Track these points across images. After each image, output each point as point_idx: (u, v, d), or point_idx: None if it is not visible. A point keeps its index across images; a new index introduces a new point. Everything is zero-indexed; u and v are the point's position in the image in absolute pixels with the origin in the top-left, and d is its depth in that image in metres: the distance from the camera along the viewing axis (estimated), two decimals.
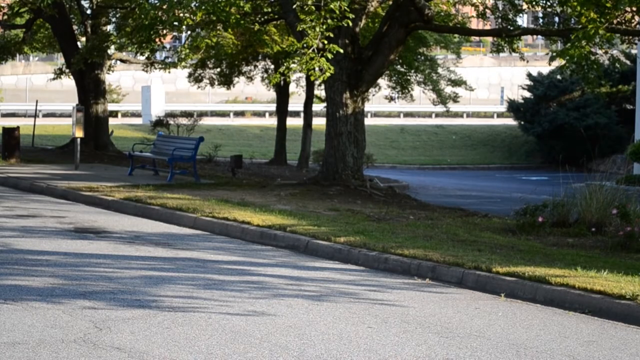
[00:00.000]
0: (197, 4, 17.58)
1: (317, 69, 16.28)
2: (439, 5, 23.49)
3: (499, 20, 20.52)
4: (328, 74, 16.42)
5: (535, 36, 67.43)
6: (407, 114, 54.95)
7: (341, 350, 7.21)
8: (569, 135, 38.96)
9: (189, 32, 20.53)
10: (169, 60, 27.62)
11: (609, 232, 12.73)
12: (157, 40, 20.32)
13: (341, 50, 16.76)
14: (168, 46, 30.21)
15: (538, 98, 42.22)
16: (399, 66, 28.55)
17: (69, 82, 35.57)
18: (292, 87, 32.35)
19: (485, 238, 12.68)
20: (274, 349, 7.19)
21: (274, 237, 12.85)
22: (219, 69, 29.91)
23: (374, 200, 17.66)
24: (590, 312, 8.90)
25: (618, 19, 16.70)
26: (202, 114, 34.64)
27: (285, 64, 16.69)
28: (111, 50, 27.07)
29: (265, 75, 30.18)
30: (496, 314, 8.75)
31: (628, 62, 36.21)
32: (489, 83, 69.28)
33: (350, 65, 18.74)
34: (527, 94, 43.98)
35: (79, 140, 22.47)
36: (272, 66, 29.45)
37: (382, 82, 29.68)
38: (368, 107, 43.82)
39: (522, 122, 43.15)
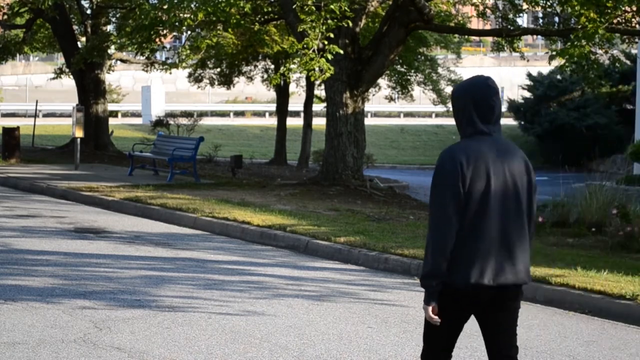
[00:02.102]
0: (197, 5, 17.58)
1: (317, 69, 16.28)
2: (439, 5, 23.49)
3: (499, 20, 20.52)
4: (328, 74, 16.42)
5: (535, 36, 67.42)
6: (407, 114, 54.93)
7: (341, 350, 7.21)
8: (569, 136, 38.94)
9: (189, 33, 20.54)
10: (170, 61, 27.62)
11: (609, 232, 12.72)
12: (157, 40, 20.33)
13: (341, 51, 16.75)
14: (168, 46, 30.26)
15: (538, 98, 42.19)
16: (399, 66, 28.54)
17: (69, 82, 35.58)
18: (292, 87, 32.35)
19: None
20: (274, 349, 7.19)
21: (274, 237, 12.85)
22: (219, 69, 29.91)
23: (374, 200, 17.66)
24: (590, 312, 8.90)
25: (618, 19, 16.70)
26: (202, 114, 34.64)
27: (285, 65, 16.68)
28: (111, 50, 27.07)
29: (265, 75, 30.19)
30: None
31: (628, 62, 36.18)
32: None
33: (350, 65, 18.73)
34: (527, 94, 43.96)
35: (79, 140, 22.47)
36: (272, 66, 29.46)
37: (382, 82, 29.67)
38: (368, 107, 43.81)
39: (522, 122, 43.13)
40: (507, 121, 48.90)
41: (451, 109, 6.27)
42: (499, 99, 4.83)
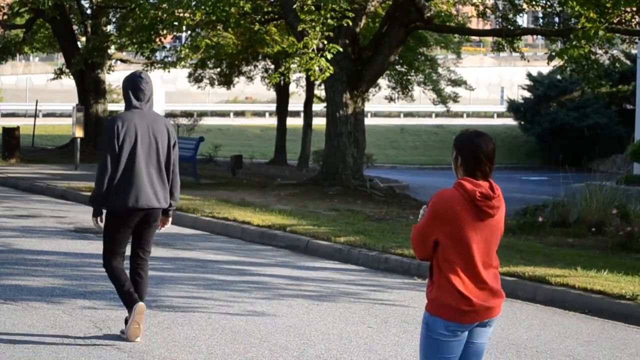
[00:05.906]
0: (197, 4, 17.57)
1: (316, 69, 16.28)
2: (439, 5, 23.48)
3: (499, 20, 20.53)
4: (327, 74, 16.42)
5: (535, 36, 67.43)
6: (407, 114, 54.89)
7: (341, 350, 7.21)
8: (569, 136, 38.90)
9: (189, 32, 20.54)
10: (169, 59, 27.62)
11: (609, 232, 12.72)
12: (157, 40, 20.33)
13: (341, 50, 16.75)
14: (168, 46, 30.21)
15: (538, 98, 42.17)
16: (399, 66, 28.54)
17: (69, 82, 35.54)
18: (292, 87, 32.34)
19: None
20: (274, 349, 7.18)
21: (274, 237, 12.85)
22: (219, 69, 29.90)
23: (374, 200, 17.66)
24: (590, 312, 8.90)
25: (618, 19, 16.70)
26: (202, 114, 34.62)
27: (285, 64, 16.67)
28: (111, 50, 27.05)
29: (265, 75, 30.18)
30: None
31: (628, 62, 36.15)
32: (489, 83, 69.24)
33: (350, 65, 18.73)
34: (527, 94, 43.93)
35: (79, 140, 22.47)
36: (272, 66, 29.44)
37: (382, 82, 29.65)
38: (368, 107, 43.72)
39: (522, 122, 43.10)
40: (507, 121, 48.94)
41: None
42: (148, 85, 7.13)
